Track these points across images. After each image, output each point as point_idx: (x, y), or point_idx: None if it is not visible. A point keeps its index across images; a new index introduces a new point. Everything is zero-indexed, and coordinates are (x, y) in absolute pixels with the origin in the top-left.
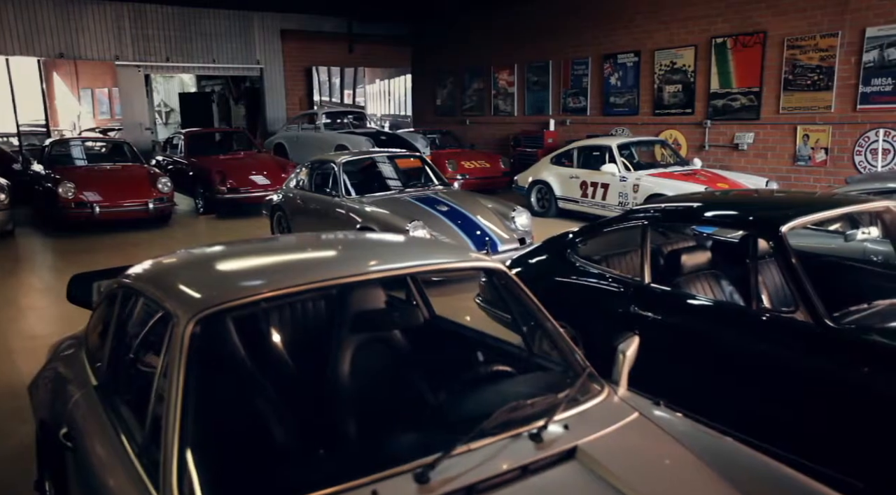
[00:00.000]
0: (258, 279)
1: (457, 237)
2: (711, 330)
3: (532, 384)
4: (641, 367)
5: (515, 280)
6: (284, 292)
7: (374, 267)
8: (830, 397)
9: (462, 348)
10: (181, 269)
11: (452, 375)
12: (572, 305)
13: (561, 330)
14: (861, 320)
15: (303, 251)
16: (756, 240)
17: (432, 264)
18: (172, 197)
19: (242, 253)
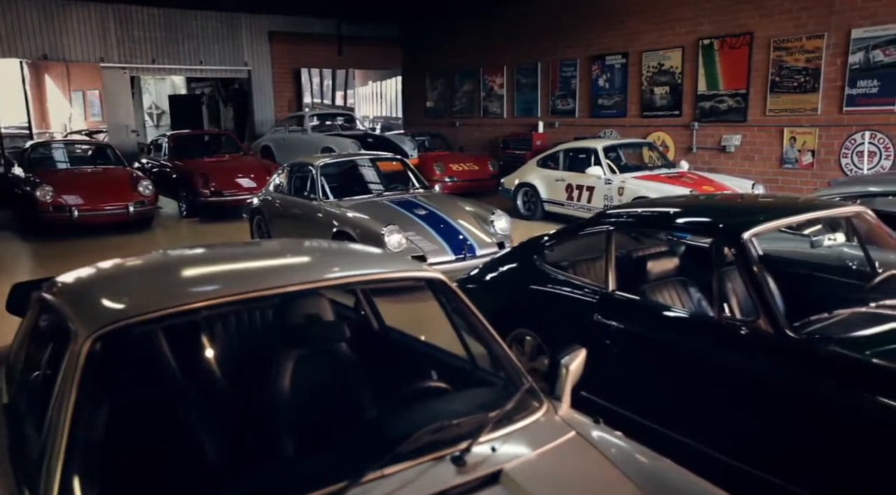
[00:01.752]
0: (175, 291)
1: (434, 241)
2: (673, 339)
3: (468, 401)
4: (607, 377)
5: (456, 291)
6: (201, 306)
7: (301, 279)
8: (792, 409)
9: (407, 362)
10: (99, 280)
11: (389, 391)
12: (538, 313)
13: (502, 343)
14: (822, 330)
15: (234, 261)
16: (720, 246)
17: (364, 275)
18: (154, 200)
19: (171, 263)
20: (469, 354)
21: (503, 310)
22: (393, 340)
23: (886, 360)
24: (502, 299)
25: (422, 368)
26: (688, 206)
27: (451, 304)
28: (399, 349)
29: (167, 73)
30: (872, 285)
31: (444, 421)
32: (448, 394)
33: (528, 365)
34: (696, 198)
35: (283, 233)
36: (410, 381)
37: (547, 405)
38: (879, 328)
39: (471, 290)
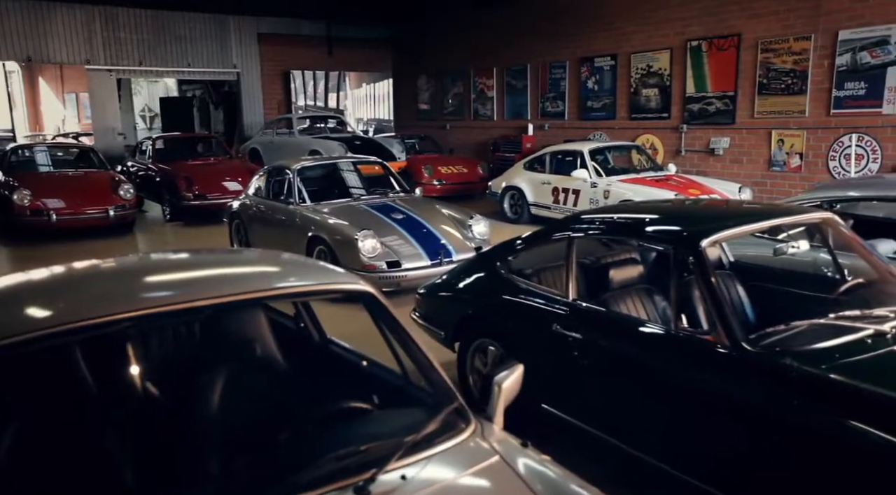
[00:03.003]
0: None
1: (410, 246)
2: (631, 351)
3: (391, 422)
4: (567, 390)
5: (385, 305)
6: (88, 324)
7: (217, 292)
8: (749, 425)
9: (339, 378)
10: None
11: (310, 411)
12: (500, 323)
13: (431, 360)
14: (779, 343)
15: (149, 274)
16: (678, 254)
17: (285, 289)
18: (135, 204)
19: (87, 274)
20: (403, 371)
21: (467, 319)
22: (330, 354)
23: (841, 375)
24: (466, 308)
25: (352, 385)
26: (648, 213)
27: (381, 318)
28: (335, 364)
29: (154, 76)
30: (838, 294)
31: (352, 446)
32: (371, 415)
33: None
34: (658, 204)
35: (259, 237)
36: (336, 400)
37: (475, 426)
38: (836, 341)
39: (439, 298)
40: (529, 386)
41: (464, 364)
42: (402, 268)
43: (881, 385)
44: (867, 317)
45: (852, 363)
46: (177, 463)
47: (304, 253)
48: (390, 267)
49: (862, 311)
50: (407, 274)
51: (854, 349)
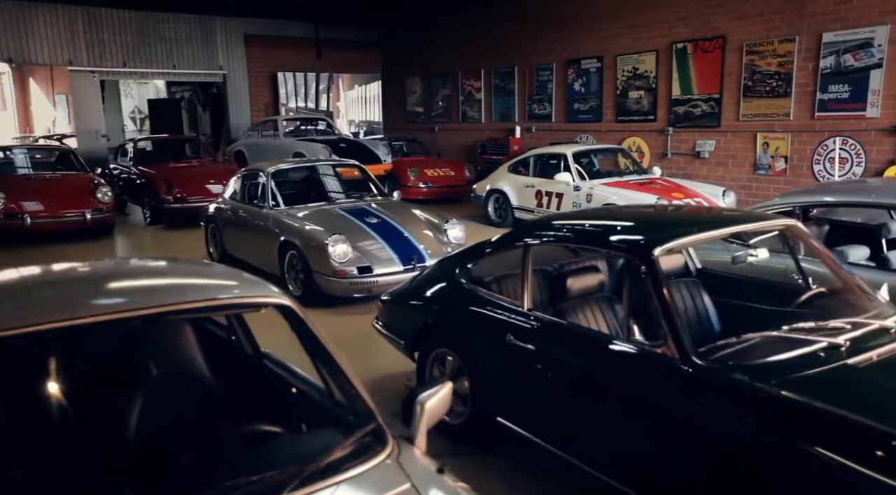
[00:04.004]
0: None
1: (383, 251)
2: (583, 363)
3: (300, 446)
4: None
5: (303, 317)
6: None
7: (116, 308)
8: (699, 442)
9: (263, 396)
10: None
11: (220, 434)
12: (456, 332)
13: (350, 377)
14: (730, 356)
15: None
16: (631, 262)
17: (191, 303)
18: (113, 207)
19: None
20: (328, 388)
21: (426, 328)
22: (258, 370)
23: (791, 391)
24: (425, 316)
25: (273, 404)
26: (605, 220)
27: (300, 332)
28: (260, 381)
29: (139, 77)
30: (798, 304)
31: (244, 477)
32: (280, 439)
33: None
34: (620, 210)
35: (233, 241)
36: (247, 422)
37: (391, 449)
38: (789, 354)
39: (400, 306)
40: (486, 398)
41: (423, 374)
42: (373, 273)
43: (830, 402)
44: (822, 329)
45: (803, 378)
46: (80, 488)
47: (275, 258)
48: (362, 272)
49: (817, 323)
50: (378, 279)
51: (806, 363)
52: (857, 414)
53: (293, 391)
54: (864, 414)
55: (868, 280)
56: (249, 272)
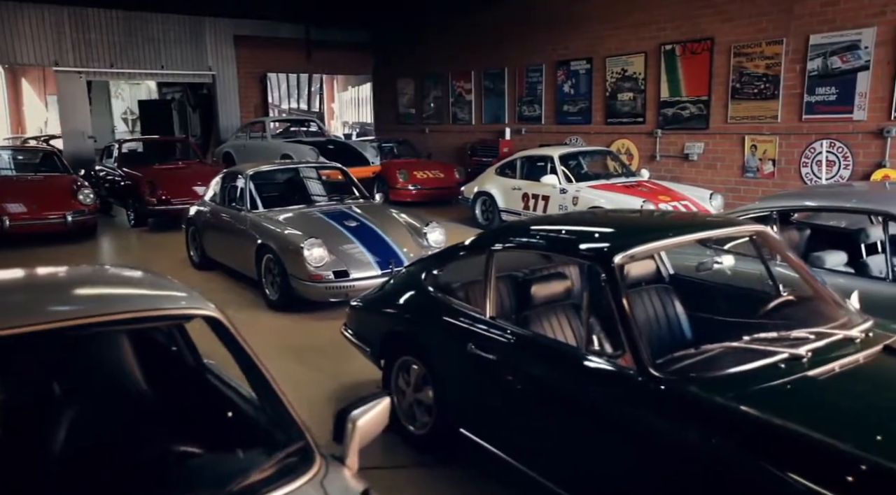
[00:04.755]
0: None
1: (360, 255)
2: (543, 373)
3: (219, 467)
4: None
5: (230, 329)
6: None
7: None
8: (654, 457)
9: (194, 411)
10: None
11: (139, 455)
12: (420, 341)
13: (279, 392)
14: (690, 367)
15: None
16: (591, 270)
17: (107, 315)
18: (95, 209)
19: None
20: (261, 403)
21: (391, 335)
22: (196, 383)
23: (749, 405)
24: (391, 323)
25: (204, 420)
26: (569, 226)
27: (228, 344)
28: (196, 394)
29: (126, 78)
30: (765, 312)
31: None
32: (200, 459)
33: (414, 396)
34: (588, 214)
35: (212, 244)
36: (176, 438)
37: (318, 469)
38: (749, 366)
39: (368, 312)
40: (449, 409)
41: (389, 383)
42: (350, 277)
43: (786, 416)
44: (784, 340)
45: (761, 391)
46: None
47: (252, 261)
48: (338, 276)
49: (780, 333)
50: (355, 283)
51: (766, 375)
52: (812, 430)
53: (227, 407)
54: (819, 429)
55: (841, 287)
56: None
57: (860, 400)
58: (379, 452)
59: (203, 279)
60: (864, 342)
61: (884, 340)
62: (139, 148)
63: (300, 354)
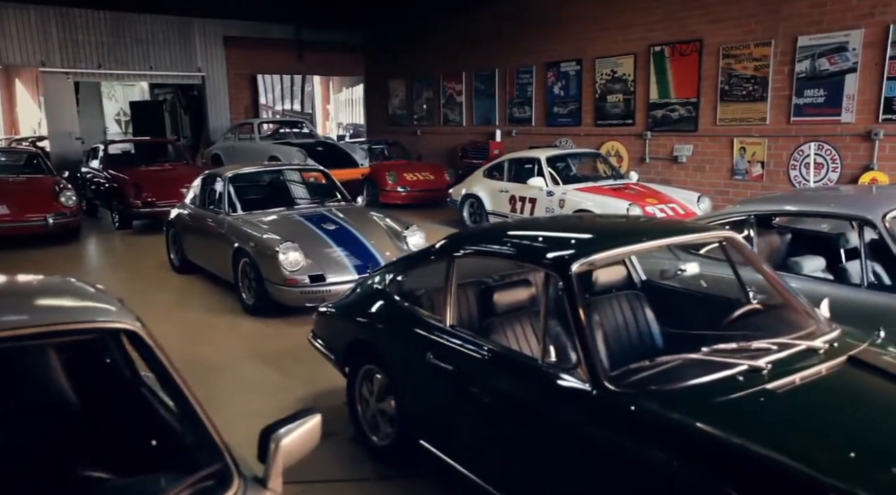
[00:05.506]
0: None
1: (337, 259)
2: (500, 385)
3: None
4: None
5: (149, 343)
6: None
7: None
8: (610, 474)
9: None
10: None
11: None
12: (382, 349)
13: (198, 410)
14: (648, 380)
15: None
16: (548, 278)
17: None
18: (78, 211)
19: None
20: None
21: (355, 343)
22: (125, 398)
23: (704, 421)
24: (355, 330)
25: (124, 438)
26: (529, 232)
27: (147, 358)
28: (122, 411)
29: (114, 79)
30: (731, 320)
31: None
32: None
33: (377, 406)
34: (550, 220)
35: (192, 248)
36: (89, 460)
37: (235, 491)
38: (707, 378)
39: (334, 318)
40: (410, 420)
41: (353, 391)
42: (326, 281)
43: (739, 432)
44: (745, 351)
45: (717, 405)
46: None
47: (229, 265)
48: (314, 281)
49: (740, 344)
50: (332, 288)
51: (724, 388)
52: (763, 446)
53: (153, 425)
54: (771, 445)
55: (814, 293)
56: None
57: (818, 414)
58: (341, 464)
59: (182, 283)
60: (829, 353)
61: (849, 351)
62: (125, 149)
63: (274, 360)
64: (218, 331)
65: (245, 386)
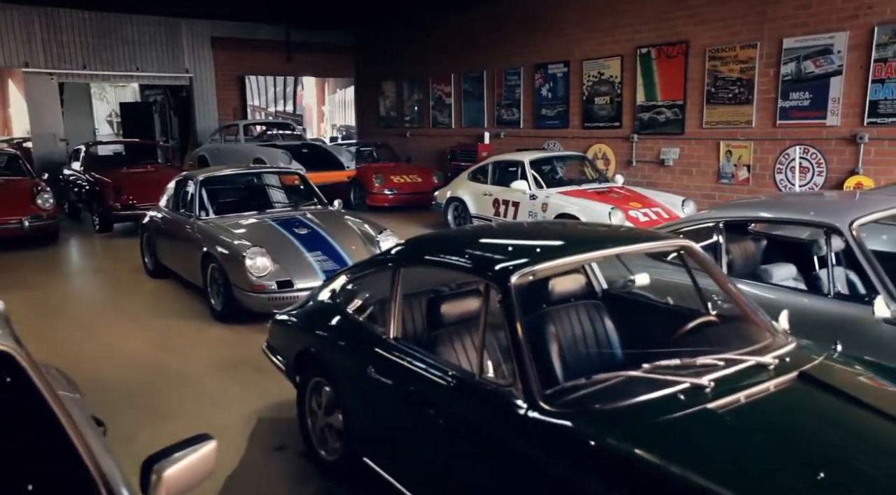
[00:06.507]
0: None
1: (306, 264)
2: (440, 401)
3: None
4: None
5: (24, 365)
6: None
7: None
8: None
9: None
10: None
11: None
12: (329, 361)
13: (79, 440)
14: (583, 398)
15: None
16: (486, 290)
17: None
18: (55, 214)
19: None
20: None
21: (304, 354)
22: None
23: (629, 443)
24: (304, 340)
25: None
26: (474, 240)
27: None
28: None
29: (99, 80)
30: (680, 334)
31: None
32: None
33: (324, 420)
34: (501, 227)
35: (164, 252)
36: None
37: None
38: (647, 396)
39: (286, 327)
40: (355, 435)
41: (303, 404)
42: (294, 287)
43: (669, 456)
44: (689, 367)
45: (652, 426)
46: None
47: (198, 270)
48: (281, 287)
49: (683, 360)
50: (300, 294)
51: (663, 407)
52: (687, 470)
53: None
54: (694, 468)
55: (778, 303)
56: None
57: (759, 435)
58: (288, 480)
59: (155, 287)
60: (779, 368)
61: (801, 366)
62: (107, 151)
63: (235, 369)
64: (184, 338)
65: (200, 397)
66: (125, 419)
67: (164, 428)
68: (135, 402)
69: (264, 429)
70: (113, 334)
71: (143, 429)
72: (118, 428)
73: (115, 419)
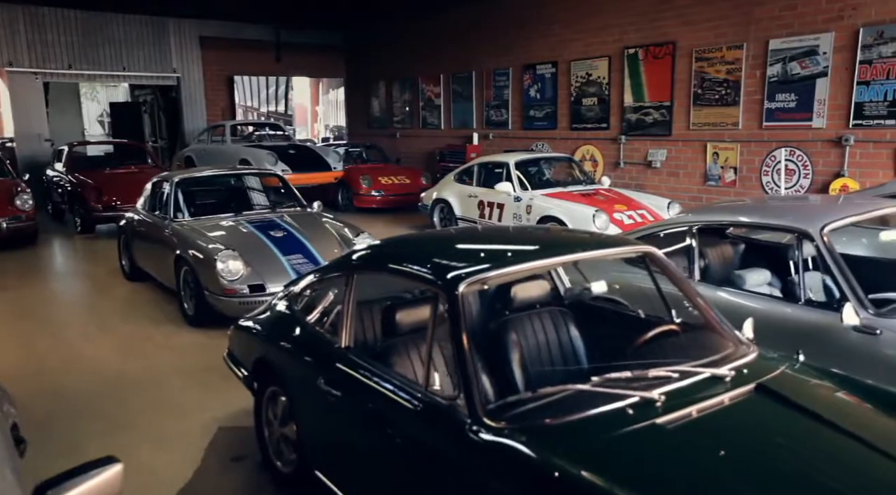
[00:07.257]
0: None
1: (279, 267)
2: (390, 416)
3: None
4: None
5: None
6: None
7: None
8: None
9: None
10: None
11: None
12: (283, 370)
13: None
14: (524, 414)
15: None
16: (435, 299)
17: None
18: (34, 215)
19: None
20: None
21: (260, 362)
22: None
23: (569, 462)
24: (261, 348)
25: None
26: (430, 246)
27: None
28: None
29: (85, 80)
30: (641, 343)
31: None
32: None
33: (280, 430)
34: (457, 233)
35: (140, 254)
36: None
37: None
38: (594, 411)
39: (245, 334)
40: (307, 447)
41: (260, 413)
42: (266, 292)
43: (609, 476)
44: (641, 380)
45: (596, 443)
46: None
47: (171, 273)
48: (253, 291)
49: (635, 372)
50: (271, 298)
51: (610, 423)
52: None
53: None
54: (639, 491)
55: (749, 310)
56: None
57: (707, 453)
58: (243, 491)
59: (130, 291)
60: (735, 380)
61: (759, 378)
62: (94, 152)
63: (201, 375)
64: (153, 344)
65: (161, 405)
66: (78, 429)
67: (118, 439)
68: (93, 411)
69: (223, 439)
70: (81, 339)
71: (95, 440)
72: (69, 440)
73: (67, 429)
